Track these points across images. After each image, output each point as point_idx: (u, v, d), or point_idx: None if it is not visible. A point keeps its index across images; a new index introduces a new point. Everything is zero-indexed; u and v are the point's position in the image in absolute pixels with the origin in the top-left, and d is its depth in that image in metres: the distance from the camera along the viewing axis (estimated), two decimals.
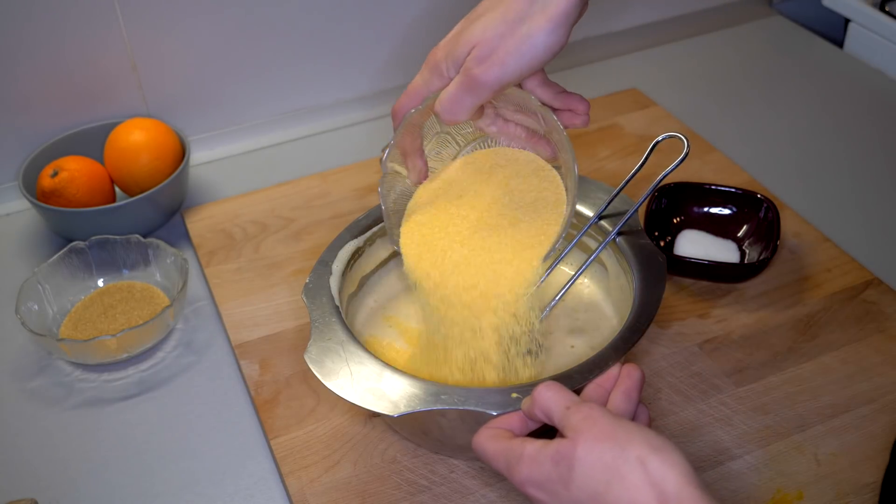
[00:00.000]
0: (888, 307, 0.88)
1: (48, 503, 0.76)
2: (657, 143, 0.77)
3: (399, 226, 0.78)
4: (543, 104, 0.70)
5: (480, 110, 0.70)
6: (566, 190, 0.74)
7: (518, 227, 0.74)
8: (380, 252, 0.85)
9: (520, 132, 0.75)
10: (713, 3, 1.36)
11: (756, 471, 0.74)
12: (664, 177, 0.75)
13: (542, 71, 0.69)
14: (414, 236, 0.76)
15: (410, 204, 0.78)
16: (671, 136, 0.77)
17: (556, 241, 0.72)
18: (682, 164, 0.74)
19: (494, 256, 0.73)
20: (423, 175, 0.77)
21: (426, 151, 0.77)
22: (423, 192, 0.78)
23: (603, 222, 0.81)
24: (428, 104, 0.70)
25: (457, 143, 0.79)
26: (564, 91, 0.71)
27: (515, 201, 0.76)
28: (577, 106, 0.71)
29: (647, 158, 0.77)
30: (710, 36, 1.33)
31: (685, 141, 0.75)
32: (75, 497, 0.76)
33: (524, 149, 0.76)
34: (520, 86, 0.70)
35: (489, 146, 0.79)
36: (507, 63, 0.64)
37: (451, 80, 0.68)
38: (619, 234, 0.79)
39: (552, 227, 0.73)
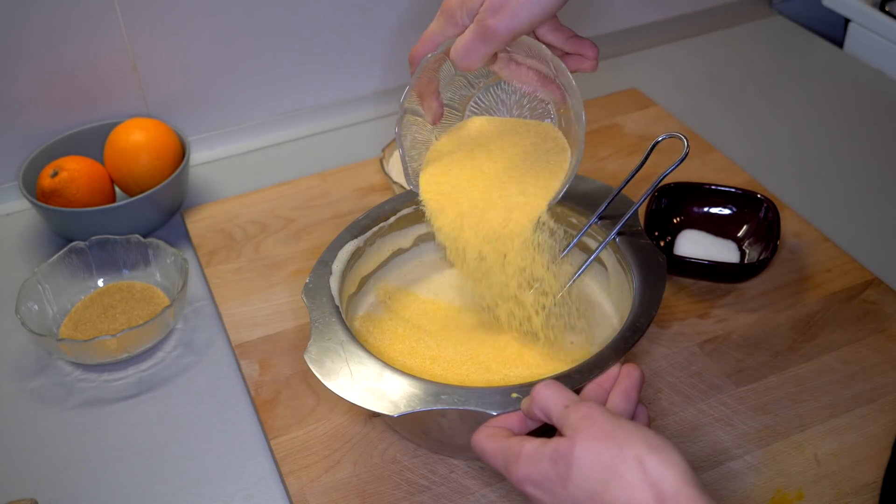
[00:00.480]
0: (888, 307, 0.88)
1: (48, 503, 0.76)
2: (657, 143, 0.78)
3: (415, 167, 0.81)
4: (553, 50, 0.72)
5: (494, 56, 0.73)
6: (574, 135, 0.76)
7: (528, 176, 0.77)
8: (380, 252, 0.85)
9: (531, 76, 0.77)
10: (713, 3, 1.36)
11: (756, 471, 0.74)
12: (664, 177, 0.75)
13: (554, 16, 0.71)
14: (433, 182, 0.79)
15: (429, 154, 0.81)
16: (671, 136, 0.77)
17: (566, 182, 0.75)
18: (682, 164, 0.74)
19: (507, 198, 0.76)
20: (439, 115, 0.80)
21: (442, 95, 0.79)
22: (442, 144, 0.81)
23: (603, 222, 0.81)
24: (444, 49, 0.73)
25: (471, 84, 0.81)
26: (575, 35, 0.73)
27: (526, 160, 0.78)
28: (587, 51, 0.73)
29: (647, 158, 0.77)
30: (710, 36, 1.33)
31: (685, 141, 0.75)
32: (75, 497, 0.76)
33: (535, 91, 0.78)
34: (533, 33, 0.72)
35: (503, 89, 0.81)
36: (519, 14, 0.66)
37: (466, 27, 0.70)
38: (619, 234, 0.79)
39: (560, 174, 0.77)
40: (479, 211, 0.76)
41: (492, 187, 0.77)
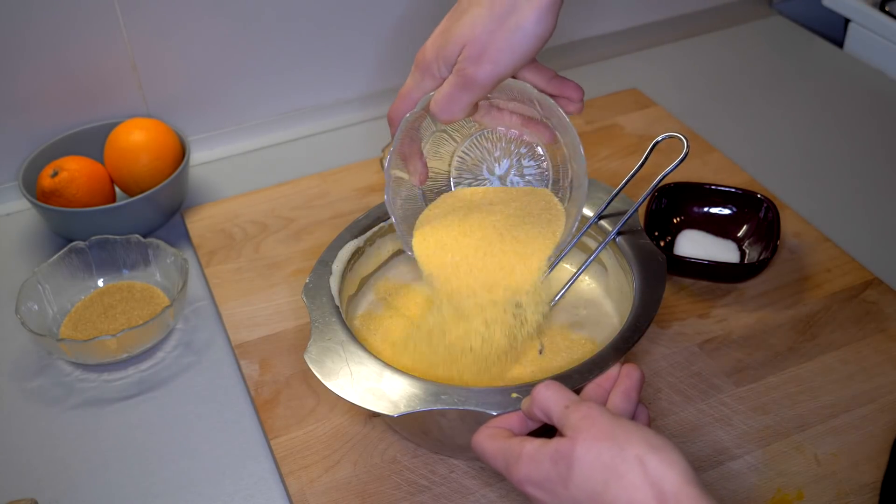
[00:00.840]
0: (888, 307, 0.88)
1: (48, 503, 0.76)
2: (657, 143, 0.78)
3: (409, 232, 0.79)
4: (540, 90, 0.70)
5: (475, 105, 0.71)
6: (574, 172, 0.75)
7: (522, 239, 0.76)
8: (380, 252, 0.85)
9: (515, 120, 0.76)
10: (713, 3, 1.36)
11: (756, 471, 0.74)
12: (664, 177, 0.75)
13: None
14: (427, 242, 0.77)
15: (421, 217, 0.80)
16: (671, 136, 0.77)
17: (567, 234, 0.74)
18: (682, 164, 0.74)
19: (501, 259, 0.74)
20: (424, 176, 0.78)
21: (425, 152, 0.78)
22: (434, 208, 0.80)
23: (603, 222, 0.81)
24: (423, 106, 0.71)
25: (454, 139, 0.80)
26: (557, 76, 0.71)
27: (520, 222, 0.77)
28: (572, 93, 0.71)
29: (646, 158, 0.77)
30: (710, 36, 1.33)
31: (685, 141, 0.75)
32: (75, 497, 0.76)
33: (521, 135, 0.77)
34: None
35: (487, 138, 0.79)
36: (499, 60, 0.64)
37: (444, 79, 0.68)
38: (619, 234, 0.79)
39: (557, 229, 0.75)
40: (479, 267, 0.75)
41: (492, 245, 0.75)
